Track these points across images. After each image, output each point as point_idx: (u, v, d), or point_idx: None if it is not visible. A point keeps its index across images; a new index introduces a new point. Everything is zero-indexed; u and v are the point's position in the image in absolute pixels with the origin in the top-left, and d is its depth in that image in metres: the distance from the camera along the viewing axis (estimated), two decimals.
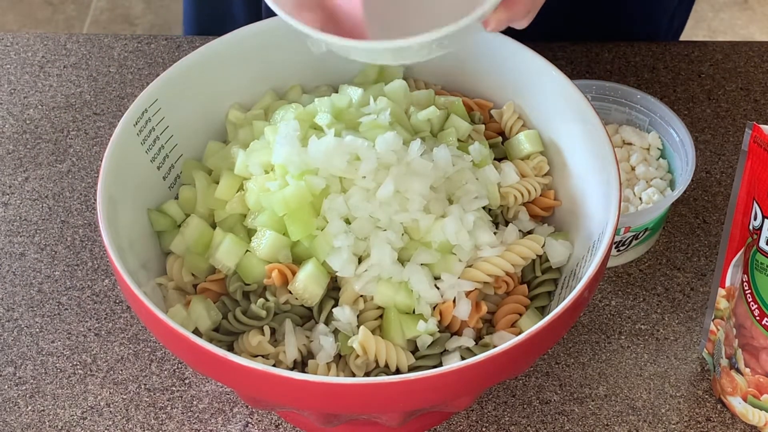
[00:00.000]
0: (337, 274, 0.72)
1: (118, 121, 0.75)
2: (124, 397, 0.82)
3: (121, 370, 0.83)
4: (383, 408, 0.66)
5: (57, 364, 0.84)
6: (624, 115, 0.94)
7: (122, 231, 0.72)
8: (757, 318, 0.75)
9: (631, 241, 0.87)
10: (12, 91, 1.04)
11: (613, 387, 0.83)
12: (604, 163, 0.74)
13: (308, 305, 0.74)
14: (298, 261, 0.74)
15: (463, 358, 0.71)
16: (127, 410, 0.81)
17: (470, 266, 0.74)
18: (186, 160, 0.81)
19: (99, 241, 0.91)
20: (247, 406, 0.81)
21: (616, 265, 0.90)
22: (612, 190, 0.72)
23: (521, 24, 0.68)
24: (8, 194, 0.95)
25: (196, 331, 0.73)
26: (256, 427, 0.80)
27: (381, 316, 0.73)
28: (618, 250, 0.88)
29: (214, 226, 0.77)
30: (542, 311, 0.76)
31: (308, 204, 0.72)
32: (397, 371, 0.71)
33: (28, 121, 1.01)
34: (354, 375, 0.71)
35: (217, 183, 0.78)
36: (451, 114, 0.81)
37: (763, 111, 1.02)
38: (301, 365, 0.73)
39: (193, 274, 0.76)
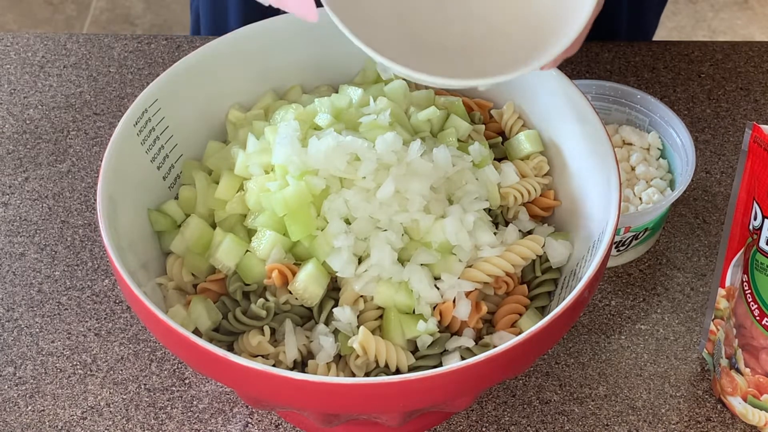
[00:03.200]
0: (337, 274, 0.72)
1: (118, 121, 0.75)
2: (124, 397, 0.82)
3: (121, 370, 0.83)
4: (383, 408, 0.66)
5: (57, 364, 0.84)
6: (624, 115, 0.94)
7: (122, 231, 0.72)
8: (757, 318, 0.75)
9: (631, 241, 0.87)
10: (12, 91, 1.04)
11: (613, 387, 0.83)
12: (604, 163, 0.74)
13: (308, 305, 0.73)
14: (298, 261, 0.74)
15: (463, 358, 0.71)
16: (127, 410, 0.81)
17: (470, 266, 0.74)
18: (186, 160, 0.81)
19: (99, 241, 0.91)
20: (247, 406, 0.81)
21: (616, 265, 0.90)
22: (612, 190, 0.72)
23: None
24: (8, 194, 0.95)
25: (196, 331, 0.73)
26: (256, 427, 0.80)
27: (381, 316, 0.73)
28: (618, 250, 0.88)
29: (214, 226, 0.77)
30: (542, 311, 0.76)
31: (308, 204, 0.72)
32: (397, 371, 0.71)
33: (28, 121, 1.01)
34: (354, 375, 0.71)
35: (217, 183, 0.78)
36: (451, 114, 0.81)
37: (763, 111, 1.02)
38: (301, 365, 0.73)
39: (193, 274, 0.76)
